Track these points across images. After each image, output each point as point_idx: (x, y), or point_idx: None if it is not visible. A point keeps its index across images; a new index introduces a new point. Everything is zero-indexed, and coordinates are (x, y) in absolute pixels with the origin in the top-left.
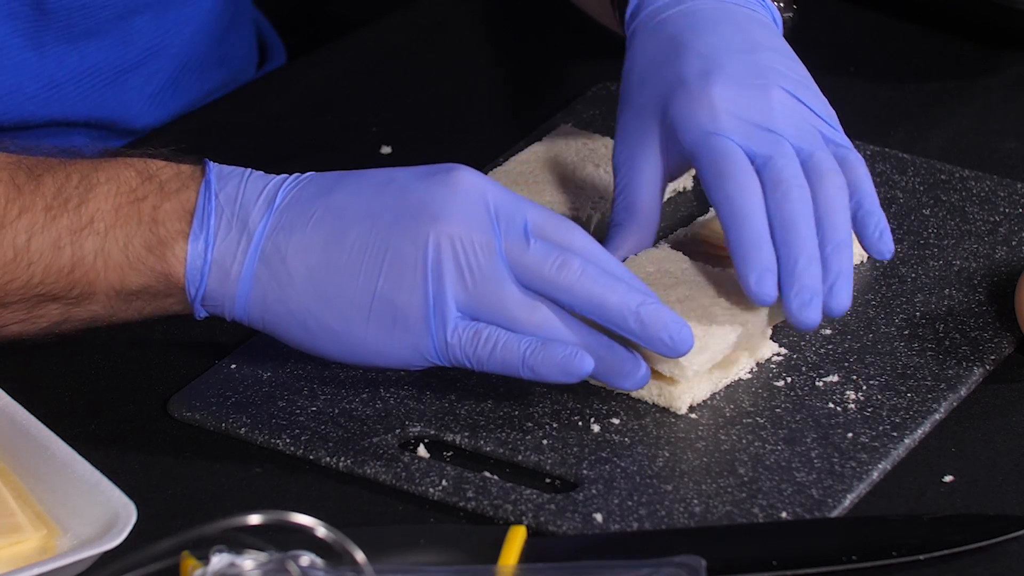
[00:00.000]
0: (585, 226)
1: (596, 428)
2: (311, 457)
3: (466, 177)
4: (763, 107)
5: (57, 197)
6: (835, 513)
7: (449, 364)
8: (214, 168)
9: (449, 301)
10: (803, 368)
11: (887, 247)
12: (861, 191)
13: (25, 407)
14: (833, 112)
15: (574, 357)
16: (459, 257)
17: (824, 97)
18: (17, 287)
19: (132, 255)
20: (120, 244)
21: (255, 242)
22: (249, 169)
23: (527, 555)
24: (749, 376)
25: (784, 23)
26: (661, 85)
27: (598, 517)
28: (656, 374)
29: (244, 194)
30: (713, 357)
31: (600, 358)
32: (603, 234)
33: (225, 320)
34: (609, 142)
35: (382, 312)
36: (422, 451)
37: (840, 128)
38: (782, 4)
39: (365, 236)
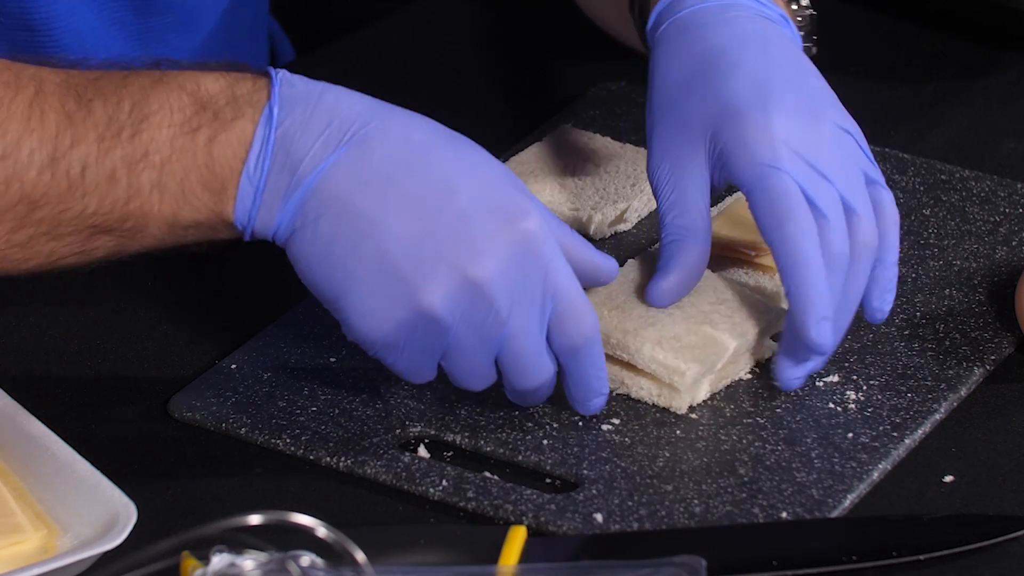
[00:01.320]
0: (584, 226)
1: (596, 428)
2: (311, 457)
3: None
4: (816, 144)
5: (110, 127)
6: (835, 513)
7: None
8: (279, 90)
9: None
10: None
11: (885, 308)
12: (886, 243)
13: (25, 407)
14: (865, 142)
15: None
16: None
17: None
18: (71, 217)
19: (188, 190)
20: (177, 178)
21: (305, 187)
22: (321, 89)
23: (527, 555)
24: (749, 376)
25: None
26: (709, 103)
27: (598, 517)
28: (655, 378)
29: (308, 127)
30: (711, 367)
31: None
32: (603, 235)
33: (226, 319)
34: (609, 142)
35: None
36: (422, 451)
37: (874, 161)
38: (803, 34)
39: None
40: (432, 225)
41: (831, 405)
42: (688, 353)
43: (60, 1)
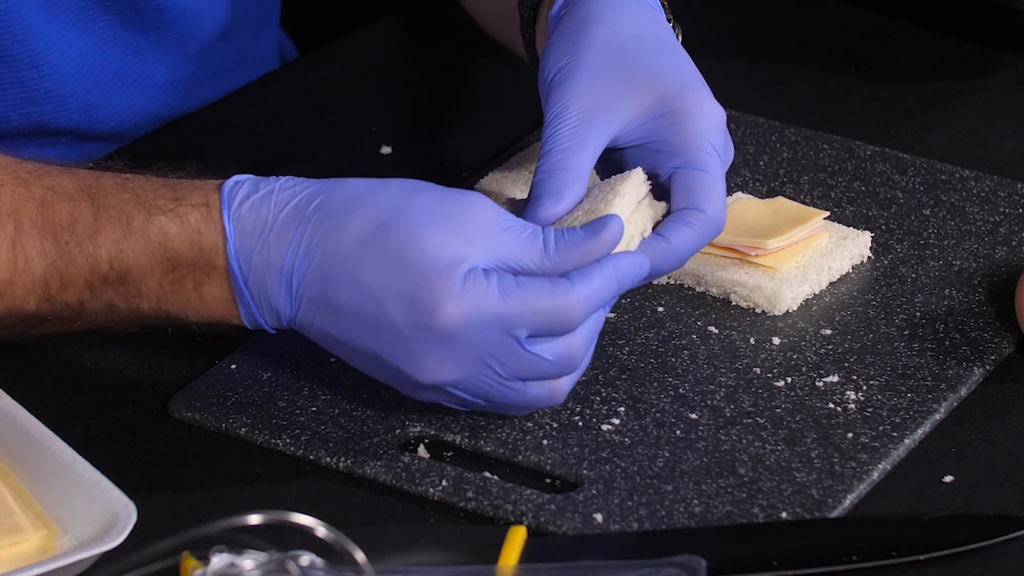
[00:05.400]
0: None
1: (596, 428)
2: (311, 457)
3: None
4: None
5: (94, 274)
6: (835, 513)
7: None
8: (233, 239)
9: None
10: (803, 368)
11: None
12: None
13: (25, 407)
14: None
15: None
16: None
17: None
18: (81, 325)
19: (191, 318)
20: (176, 309)
21: (288, 319)
22: (266, 214)
23: (527, 555)
24: (750, 376)
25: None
26: (660, 69)
27: (598, 517)
28: None
29: (268, 271)
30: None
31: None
32: None
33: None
34: None
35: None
36: (422, 451)
37: None
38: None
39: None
40: (377, 340)
41: (831, 405)
42: None
43: (45, 34)
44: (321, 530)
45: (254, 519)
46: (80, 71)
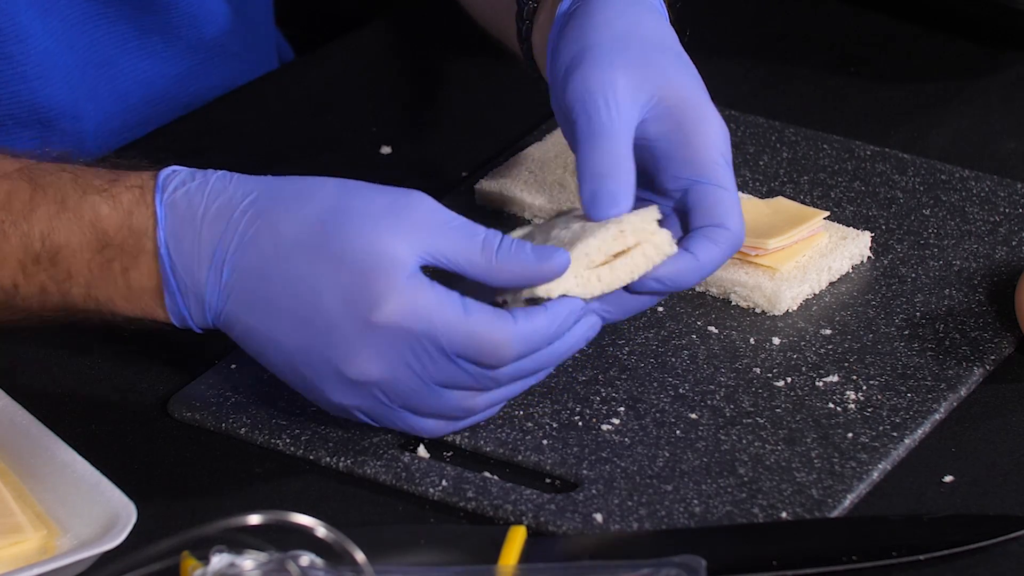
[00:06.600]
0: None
1: (596, 428)
2: (311, 457)
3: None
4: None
5: (27, 253)
6: (835, 513)
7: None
8: (164, 223)
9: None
10: (803, 368)
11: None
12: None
13: (25, 407)
14: None
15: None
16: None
17: None
18: (18, 310)
19: (118, 307)
20: (105, 295)
21: (214, 312)
22: (201, 201)
23: (527, 555)
24: (750, 376)
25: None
26: (670, 73)
27: (598, 517)
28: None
29: (198, 260)
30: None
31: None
32: None
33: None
34: None
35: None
36: (422, 451)
37: None
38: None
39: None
40: (309, 334)
41: (831, 405)
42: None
43: (35, 30)
44: (321, 530)
45: (254, 519)
46: (72, 50)
